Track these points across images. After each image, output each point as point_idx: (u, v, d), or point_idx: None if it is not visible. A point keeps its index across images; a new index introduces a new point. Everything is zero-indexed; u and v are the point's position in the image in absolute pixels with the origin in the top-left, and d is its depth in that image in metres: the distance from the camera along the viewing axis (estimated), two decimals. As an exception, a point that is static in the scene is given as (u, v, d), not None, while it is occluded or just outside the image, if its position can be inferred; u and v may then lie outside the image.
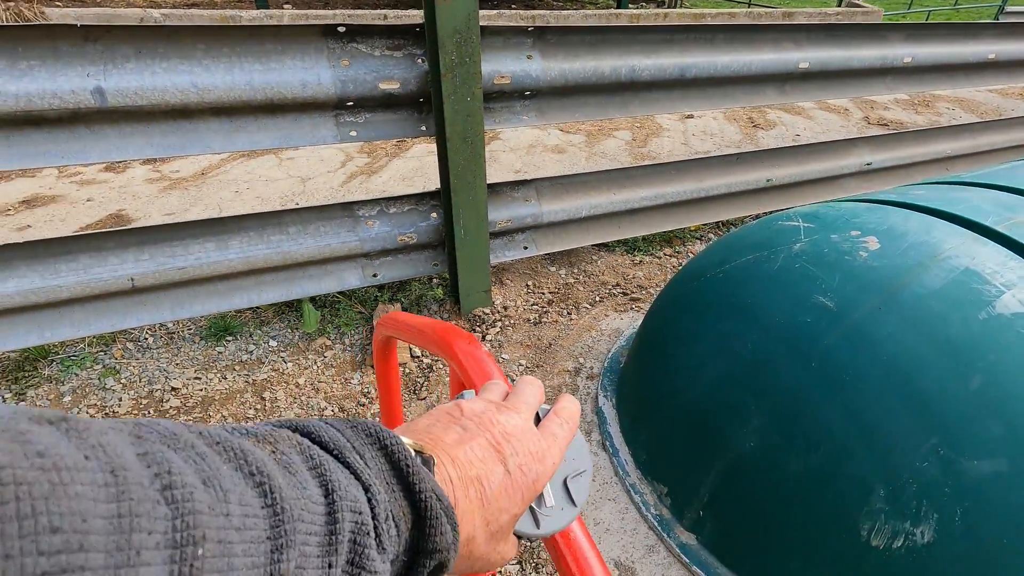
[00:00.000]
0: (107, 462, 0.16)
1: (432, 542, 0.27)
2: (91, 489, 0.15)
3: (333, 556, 0.22)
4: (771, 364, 1.08)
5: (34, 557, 0.13)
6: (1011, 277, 1.00)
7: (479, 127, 1.70)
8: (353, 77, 1.57)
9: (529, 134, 3.87)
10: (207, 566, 0.17)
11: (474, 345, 0.64)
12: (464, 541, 0.31)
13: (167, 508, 0.17)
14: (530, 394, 0.40)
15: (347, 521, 0.23)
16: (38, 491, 0.14)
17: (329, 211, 1.81)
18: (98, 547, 0.15)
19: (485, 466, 0.32)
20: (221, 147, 1.54)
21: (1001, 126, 3.09)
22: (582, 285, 2.22)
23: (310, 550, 0.22)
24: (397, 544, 0.26)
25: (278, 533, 0.20)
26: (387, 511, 0.26)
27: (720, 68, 2.06)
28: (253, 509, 0.20)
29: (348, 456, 0.26)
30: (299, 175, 3.19)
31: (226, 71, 1.46)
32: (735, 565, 1.14)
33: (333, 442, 0.27)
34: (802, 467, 1.01)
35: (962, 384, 0.91)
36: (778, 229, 1.28)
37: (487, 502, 0.32)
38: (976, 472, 0.89)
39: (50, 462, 0.15)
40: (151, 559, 0.16)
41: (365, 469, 0.26)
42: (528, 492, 0.34)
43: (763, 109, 4.46)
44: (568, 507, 0.40)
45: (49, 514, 0.14)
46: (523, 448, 0.34)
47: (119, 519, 0.16)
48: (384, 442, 0.28)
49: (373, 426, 0.29)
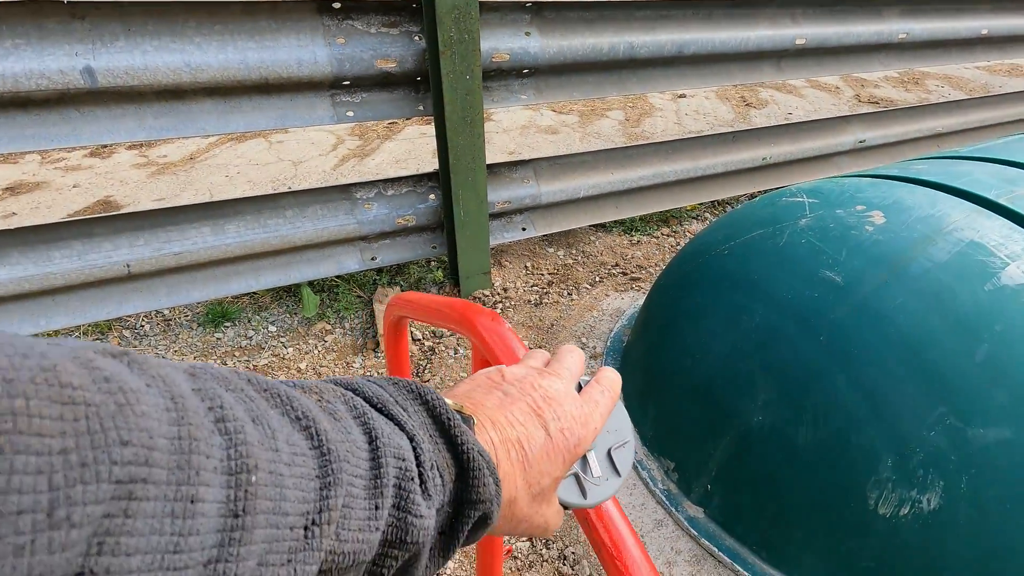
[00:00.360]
0: (167, 390, 0.17)
1: (476, 492, 0.28)
2: (154, 411, 0.16)
3: (379, 499, 0.23)
4: (779, 338, 1.09)
5: (107, 465, 0.14)
6: (1015, 249, 1.02)
7: (478, 106, 1.67)
8: (349, 55, 1.54)
9: (522, 115, 3.83)
10: (260, 493, 0.18)
11: (497, 321, 0.64)
12: (507, 502, 0.31)
13: (221, 438, 0.18)
14: (572, 361, 0.39)
15: (391, 467, 0.24)
16: (106, 411, 0.15)
17: (326, 194, 1.79)
18: (162, 464, 0.16)
19: (526, 429, 0.32)
20: (216, 128, 1.50)
21: (990, 102, 3.12)
22: (581, 266, 2.22)
23: (356, 491, 0.22)
24: (442, 493, 0.27)
25: (326, 472, 0.21)
26: (431, 461, 0.26)
27: (718, 45, 2.04)
28: (301, 449, 0.21)
29: (391, 408, 0.27)
30: (290, 158, 3.14)
31: (219, 49, 1.42)
32: (743, 536, 1.16)
33: (376, 396, 0.27)
34: (810, 439, 1.03)
35: (969, 355, 0.93)
36: (783, 205, 1.28)
37: (528, 464, 0.32)
38: (982, 440, 0.91)
39: (116, 386, 0.15)
40: (210, 480, 0.17)
41: (408, 420, 0.27)
42: (569, 455, 0.34)
43: (755, 88, 4.45)
44: (613, 477, 0.40)
45: (118, 429, 0.15)
46: (564, 412, 0.34)
47: (179, 440, 0.16)
48: (426, 398, 0.29)
49: (415, 383, 0.30)
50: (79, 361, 0.15)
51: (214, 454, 0.17)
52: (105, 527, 0.14)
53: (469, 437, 0.28)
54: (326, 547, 0.20)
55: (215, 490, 0.17)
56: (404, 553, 0.24)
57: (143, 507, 0.15)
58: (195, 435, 0.17)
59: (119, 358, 0.17)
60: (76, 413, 0.14)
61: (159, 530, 0.15)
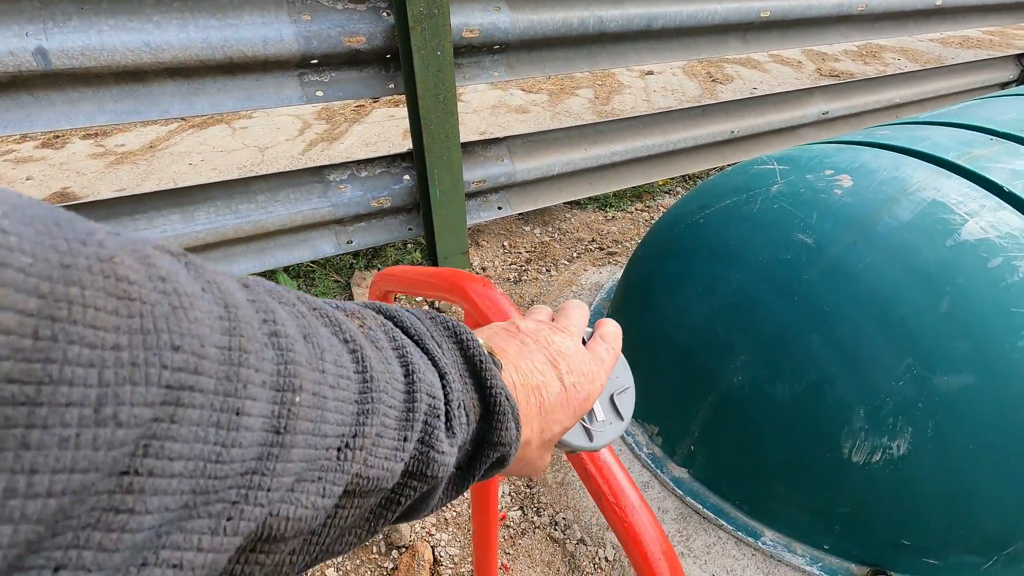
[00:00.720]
0: (221, 297, 0.17)
1: (497, 435, 0.28)
2: (207, 318, 0.16)
3: (408, 431, 0.23)
4: (756, 302, 1.12)
5: (157, 369, 0.14)
6: (973, 206, 1.07)
7: (451, 83, 1.66)
8: (316, 32, 1.50)
9: (491, 95, 3.80)
10: (302, 414, 0.18)
11: (488, 287, 0.64)
12: (521, 445, 0.32)
13: (273, 352, 0.18)
14: (577, 316, 0.41)
15: (423, 403, 0.24)
16: (160, 311, 0.14)
17: (299, 177, 1.75)
18: (210, 373, 0.15)
19: (544, 377, 0.34)
20: (180, 111, 1.46)
21: (944, 73, 3.22)
22: (558, 243, 2.24)
23: (389, 422, 0.23)
24: (466, 432, 0.27)
25: (365, 399, 0.21)
26: (459, 400, 0.27)
27: (686, 18, 2.06)
28: (347, 372, 0.21)
29: (427, 343, 0.27)
30: (256, 144, 3.06)
31: (179, 28, 1.37)
32: (726, 493, 1.20)
33: (414, 328, 0.28)
34: (787, 396, 1.07)
35: (933, 307, 0.98)
36: (755, 173, 1.31)
37: (545, 411, 0.33)
38: (946, 387, 0.96)
39: (171, 287, 0.15)
40: (256, 395, 0.17)
41: (442, 357, 0.27)
42: (579, 408, 0.36)
43: (720, 64, 4.50)
44: (616, 421, 0.42)
45: (171, 332, 0.14)
46: (576, 367, 0.36)
47: (229, 351, 0.16)
48: (460, 336, 0.30)
49: (451, 321, 0.30)
50: (137, 255, 0.15)
51: (264, 368, 0.17)
52: (152, 431, 0.14)
53: (498, 381, 0.29)
54: (354, 470, 0.20)
55: (261, 404, 0.17)
56: (423, 485, 0.25)
57: (189, 414, 0.15)
58: (246, 347, 0.17)
59: (177, 258, 0.17)
60: (131, 310, 0.14)
61: (203, 438, 0.15)
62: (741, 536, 1.16)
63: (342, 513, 0.21)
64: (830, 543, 1.11)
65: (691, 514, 1.22)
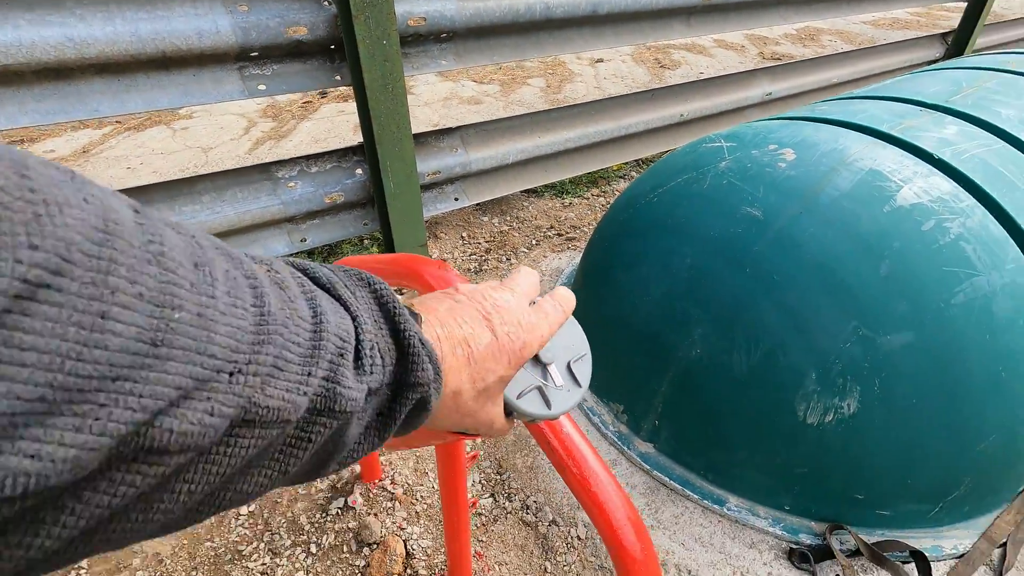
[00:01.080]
0: (102, 212, 0.17)
1: (414, 376, 0.30)
2: (81, 226, 0.16)
3: (313, 367, 0.24)
4: (710, 275, 1.15)
5: (11, 263, 0.14)
6: (907, 174, 1.12)
7: (399, 72, 1.63)
8: (255, 23, 1.44)
9: (443, 87, 3.76)
10: (182, 331, 0.19)
11: (445, 269, 0.64)
12: (451, 394, 0.34)
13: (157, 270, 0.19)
14: (526, 281, 0.41)
15: (330, 342, 0.25)
16: (20, 217, 0.15)
17: (245, 174, 1.69)
18: (73, 276, 0.16)
19: (473, 330, 0.35)
20: (111, 109, 1.38)
21: (877, 52, 3.37)
22: (516, 231, 2.24)
23: (291, 356, 0.23)
24: (381, 374, 0.28)
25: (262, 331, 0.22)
26: (372, 342, 0.28)
27: (630, 2, 2.08)
28: (244, 303, 0.22)
29: (340, 291, 0.29)
30: (199, 145, 2.94)
31: (105, 21, 1.30)
32: (691, 464, 1.24)
33: (327, 278, 0.29)
34: (744, 365, 1.10)
35: (874, 271, 1.02)
36: (703, 151, 1.34)
37: (474, 361, 0.34)
38: (889, 346, 1.01)
39: (40, 197, 0.16)
40: (128, 304, 0.17)
41: (355, 303, 0.29)
42: (515, 357, 0.36)
43: (668, 50, 4.58)
44: (574, 388, 0.42)
45: (29, 235, 0.15)
46: (511, 319, 0.37)
47: (99, 260, 0.17)
48: (374, 286, 0.31)
49: (365, 272, 0.32)
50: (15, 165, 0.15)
51: (142, 281, 0.18)
52: (3, 321, 0.14)
53: (411, 325, 0.30)
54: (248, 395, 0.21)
55: (134, 315, 0.17)
56: (332, 422, 0.26)
57: (45, 310, 0.15)
58: (118, 259, 0.17)
59: (64, 172, 0.17)
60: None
61: (61, 335, 0.15)
62: (707, 504, 1.19)
63: (242, 442, 0.22)
64: (791, 503, 1.15)
65: (658, 487, 1.25)
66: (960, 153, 1.17)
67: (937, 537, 1.14)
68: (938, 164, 1.15)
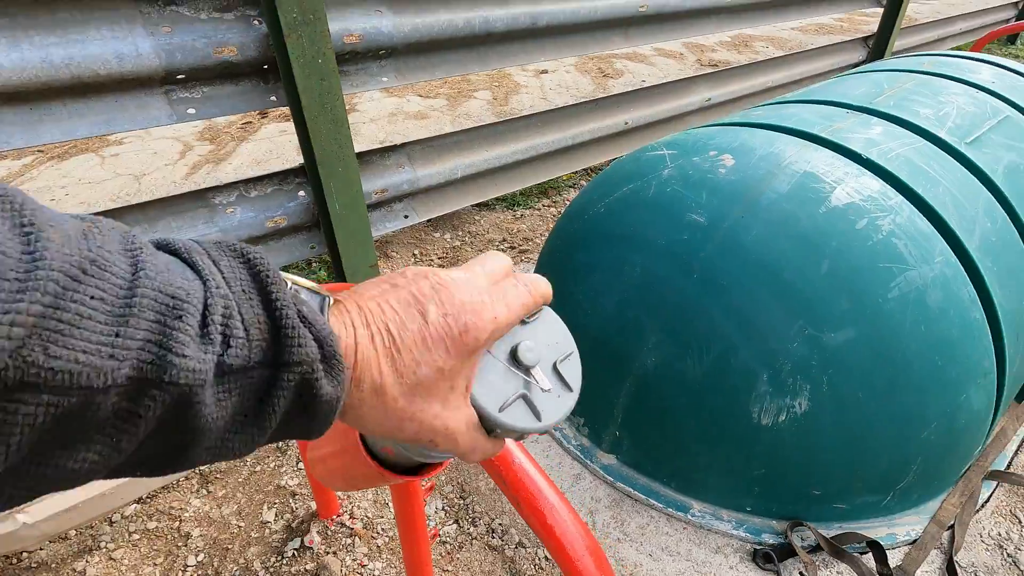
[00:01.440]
0: None
1: (290, 353, 0.26)
2: None
3: (123, 327, 0.22)
4: (660, 282, 1.16)
5: None
6: (839, 175, 1.16)
7: (337, 91, 1.59)
8: (180, 45, 1.38)
9: (388, 102, 3.72)
10: None
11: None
12: (371, 390, 0.30)
13: None
14: (492, 263, 0.36)
15: (149, 299, 0.23)
16: None
17: (179, 203, 1.61)
18: None
19: (399, 316, 0.31)
20: (24, 141, 1.29)
21: (806, 57, 3.53)
22: (469, 246, 2.21)
23: (86, 311, 0.21)
24: (246, 349, 0.25)
25: (28, 278, 0.20)
26: (231, 312, 0.25)
27: (569, 15, 2.10)
28: (9, 252, 0.20)
29: (195, 257, 0.26)
30: (130, 172, 2.80)
31: (10, 47, 1.21)
32: (653, 473, 1.23)
33: (185, 247, 0.26)
34: (697, 370, 1.11)
35: (815, 269, 1.05)
36: (646, 160, 1.36)
37: (398, 351, 0.30)
38: (833, 343, 1.03)
39: None
40: None
41: (210, 268, 0.26)
42: (456, 344, 0.31)
43: (610, 60, 4.68)
44: (565, 392, 0.37)
45: None
46: (453, 299, 0.32)
47: None
48: (248, 256, 0.28)
49: (242, 245, 0.29)
50: None
51: None
52: None
53: (286, 297, 0.27)
54: (24, 355, 0.19)
55: None
56: (164, 395, 0.23)
57: None
58: None
59: None
60: None
61: None
62: (672, 512, 1.19)
63: (25, 410, 0.19)
64: (752, 504, 1.16)
65: (623, 498, 1.24)
66: (886, 152, 1.23)
67: (891, 525, 1.17)
68: (866, 164, 1.20)
